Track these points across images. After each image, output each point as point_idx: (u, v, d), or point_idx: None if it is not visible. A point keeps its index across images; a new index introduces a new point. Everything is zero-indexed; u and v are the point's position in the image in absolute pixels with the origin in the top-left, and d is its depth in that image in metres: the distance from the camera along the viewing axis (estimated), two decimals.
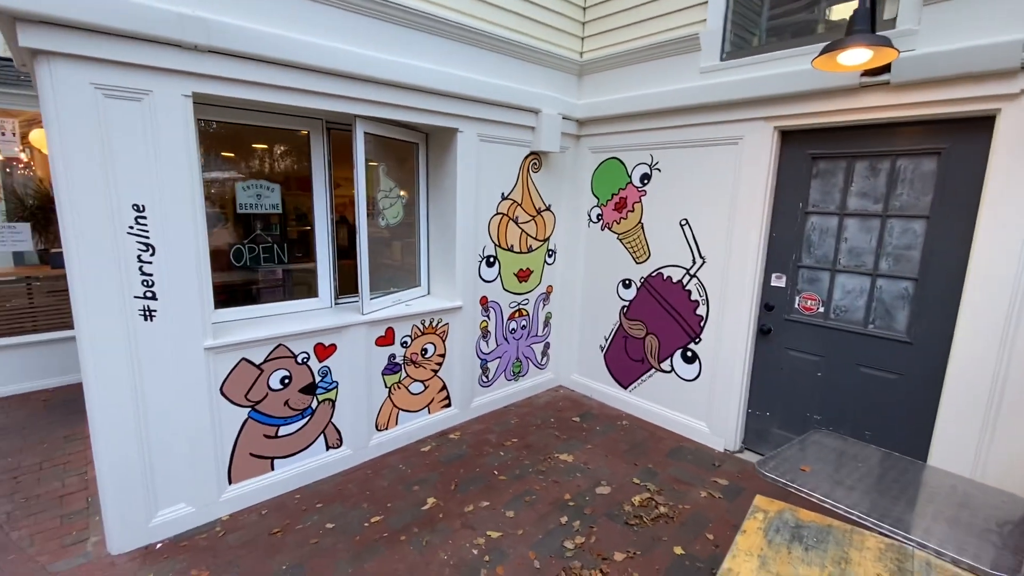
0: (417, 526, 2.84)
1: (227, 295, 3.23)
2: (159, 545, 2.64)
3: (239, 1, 2.58)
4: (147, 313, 2.50)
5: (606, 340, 4.49)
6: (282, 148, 3.42)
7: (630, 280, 4.23)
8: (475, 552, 2.64)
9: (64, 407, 4.17)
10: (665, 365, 4.06)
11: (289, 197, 3.41)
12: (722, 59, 3.48)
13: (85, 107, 2.23)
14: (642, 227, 4.10)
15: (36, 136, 4.62)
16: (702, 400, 3.84)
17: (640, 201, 4.10)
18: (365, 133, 3.26)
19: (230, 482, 2.91)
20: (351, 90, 3.01)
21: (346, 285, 3.70)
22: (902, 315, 2.94)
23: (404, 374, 3.66)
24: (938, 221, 2.77)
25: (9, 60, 5.02)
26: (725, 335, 3.63)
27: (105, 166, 2.30)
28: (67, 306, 4.73)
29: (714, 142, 3.57)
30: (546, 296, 4.61)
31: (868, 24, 2.32)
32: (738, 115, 3.39)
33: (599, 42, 4.23)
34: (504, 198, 4.04)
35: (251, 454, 2.98)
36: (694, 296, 3.80)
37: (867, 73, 2.74)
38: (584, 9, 4.29)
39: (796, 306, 3.38)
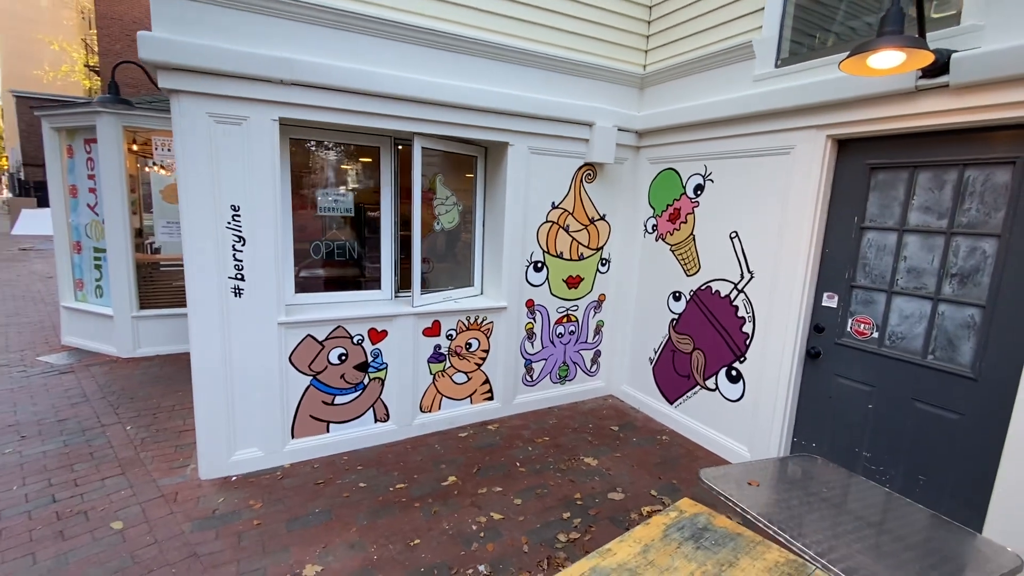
0: (432, 498, 3.16)
1: (308, 283, 3.88)
2: (234, 478, 3.30)
3: (317, 42, 3.16)
4: (237, 290, 3.17)
5: (655, 353, 4.43)
6: (358, 161, 4.01)
7: (680, 293, 4.15)
8: (474, 528, 2.88)
9: None
10: (710, 383, 3.91)
11: (361, 203, 3.99)
12: (776, 66, 3.33)
13: (201, 131, 2.95)
14: (694, 239, 4.02)
15: None
16: (745, 422, 3.64)
17: (693, 212, 4.02)
18: (424, 148, 3.71)
19: (292, 436, 3.51)
20: (411, 111, 3.48)
21: (406, 281, 4.19)
22: (966, 346, 2.57)
23: (448, 364, 4.03)
24: (1012, 240, 2.40)
25: None
26: (770, 355, 3.43)
27: (213, 175, 3.00)
28: None
29: (765, 152, 3.42)
30: (598, 304, 4.68)
31: (901, 25, 2.15)
32: (790, 124, 3.22)
33: (661, 54, 4.25)
34: (555, 207, 4.24)
35: (311, 416, 3.56)
36: (741, 312, 3.64)
37: (925, 74, 2.49)
38: (648, 23, 4.34)
39: (848, 329, 3.09)
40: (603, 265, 4.62)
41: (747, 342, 3.59)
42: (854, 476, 2.25)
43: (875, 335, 2.95)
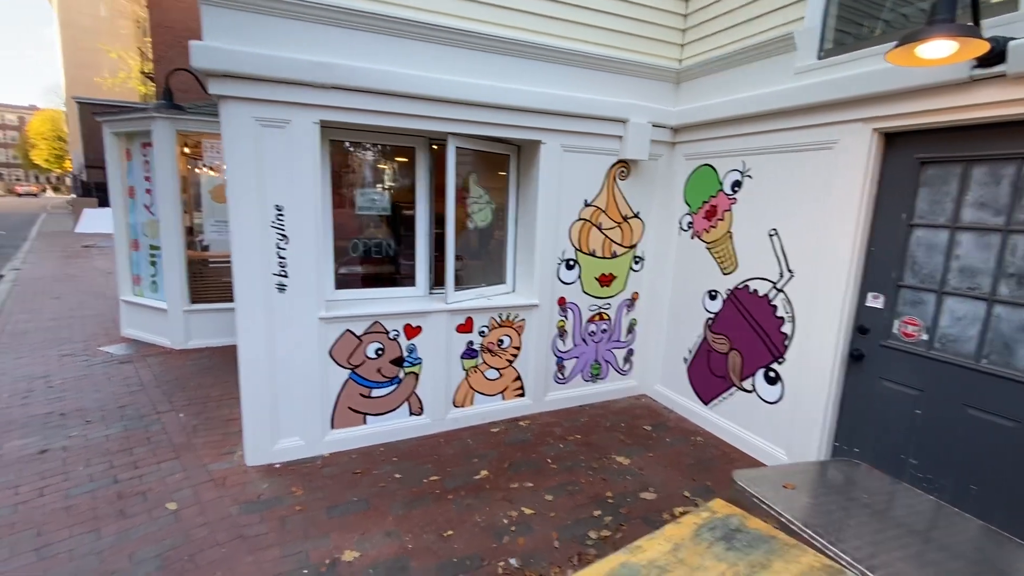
0: (465, 490, 3.23)
1: (347, 279, 4.01)
2: (277, 465, 3.45)
3: (354, 46, 3.26)
4: (280, 286, 3.31)
5: (690, 352, 4.36)
6: (394, 161, 4.11)
7: (716, 292, 4.07)
8: (505, 521, 2.93)
9: None
10: (747, 384, 3.83)
11: (397, 202, 4.09)
12: (819, 58, 3.22)
13: (248, 134, 3.09)
14: (731, 236, 3.93)
15: None
16: (783, 425, 3.55)
17: (730, 209, 3.93)
18: (458, 148, 3.77)
19: (332, 427, 3.65)
20: (445, 112, 3.54)
21: (440, 278, 4.26)
22: None
23: (481, 360, 4.10)
24: None
25: None
26: (810, 357, 3.33)
27: (258, 176, 3.15)
28: None
29: (807, 147, 3.31)
30: (631, 302, 4.65)
31: (953, 11, 2.05)
32: (833, 117, 3.11)
33: (697, 48, 4.17)
34: (587, 205, 4.23)
35: (349, 408, 3.69)
36: (780, 312, 3.54)
37: (980, 64, 2.36)
38: (685, 17, 4.26)
39: (895, 331, 2.97)
40: (636, 263, 4.58)
41: (786, 343, 3.50)
42: (899, 483, 2.17)
43: (924, 337, 2.83)
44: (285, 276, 3.31)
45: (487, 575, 2.52)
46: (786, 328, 3.50)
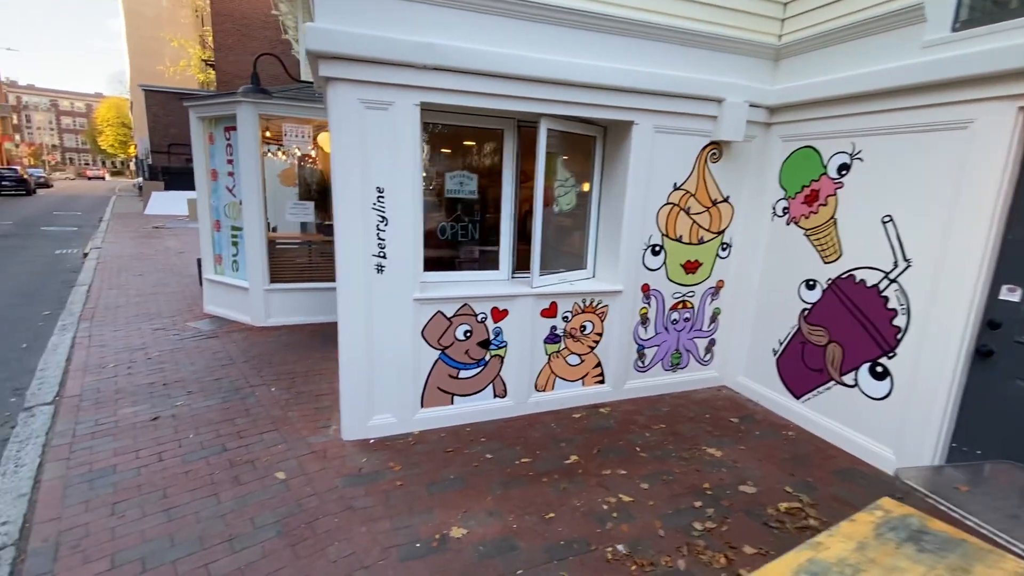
0: (558, 474, 3.23)
1: (432, 261, 4.04)
2: (371, 440, 3.55)
3: (454, 27, 3.22)
4: (379, 268, 3.37)
5: (780, 344, 4.19)
6: (481, 144, 4.09)
7: (815, 281, 3.88)
8: (604, 507, 2.91)
9: (323, 337, 5.68)
10: (848, 378, 3.65)
11: (483, 185, 4.07)
12: (954, 30, 2.96)
13: (353, 116, 3.12)
14: (835, 223, 3.72)
15: (322, 138, 6.27)
16: (891, 423, 3.37)
17: (835, 194, 3.72)
18: (548, 129, 3.70)
19: (422, 406, 3.71)
20: (539, 92, 3.48)
21: (522, 262, 4.24)
22: None
23: (563, 345, 4.07)
24: None
25: (309, 84, 6.87)
26: (928, 352, 3.13)
27: (362, 158, 3.19)
28: (330, 265, 6.37)
29: (933, 127, 3.08)
30: (715, 290, 4.50)
31: None
32: (968, 95, 2.87)
33: (800, 23, 3.92)
34: (676, 188, 4.10)
35: (438, 388, 3.74)
36: (892, 304, 3.34)
37: None
38: None
39: None
40: (723, 250, 4.42)
41: (898, 336, 3.30)
42: None
43: None
44: (384, 258, 3.36)
45: (596, 560, 2.51)
46: (899, 321, 3.30)
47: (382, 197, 3.28)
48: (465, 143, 4.04)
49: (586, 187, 4.25)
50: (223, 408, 3.96)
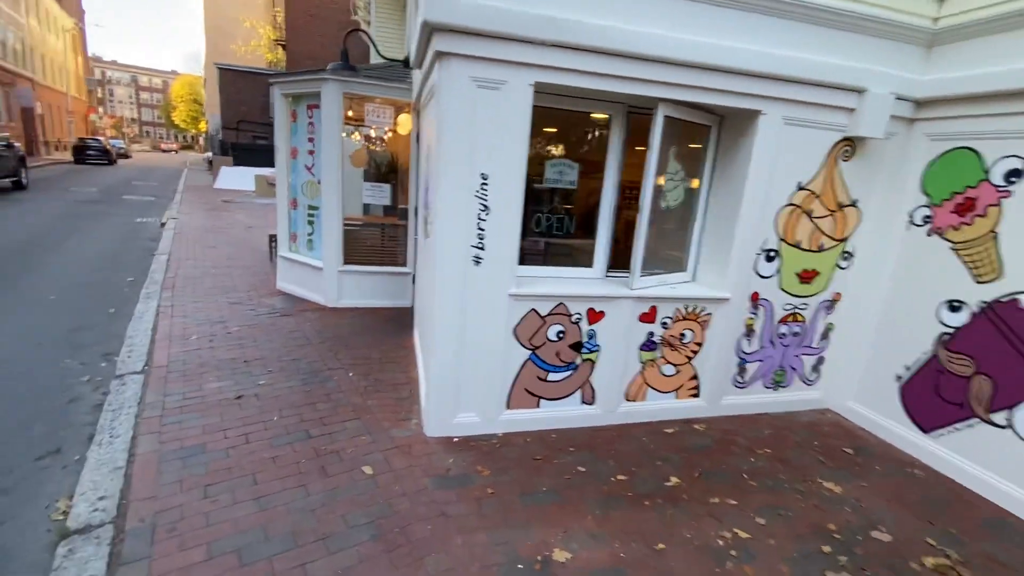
0: (661, 498, 2.94)
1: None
2: (455, 439, 3.38)
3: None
4: (477, 259, 3.15)
5: (907, 370, 3.72)
6: (584, 131, 3.79)
7: (961, 303, 3.39)
8: (720, 543, 2.61)
9: (396, 322, 5.59)
10: (998, 418, 3.17)
11: (582, 175, 3.78)
12: None
13: (465, 95, 2.89)
14: (994, 237, 3.22)
15: (401, 119, 6.13)
16: None
17: (999, 204, 3.20)
18: (665, 116, 3.36)
19: (508, 407, 3.50)
20: (659, 74, 3.13)
21: (615, 260, 3.94)
22: None
23: (660, 354, 3.75)
24: None
25: (392, 64, 6.73)
26: None
27: (469, 142, 2.96)
28: (401, 248, 6.26)
29: None
30: (830, 304, 4.05)
31: None
32: None
33: (966, 4, 3.38)
34: (800, 188, 3.67)
35: (526, 390, 3.52)
36: None
37: None
38: None
39: None
40: (844, 259, 3.96)
41: None
42: None
43: None
44: (482, 249, 3.14)
45: None
46: None
47: (486, 184, 3.05)
48: (568, 129, 3.76)
49: (695, 183, 3.88)
50: (304, 391, 3.89)
